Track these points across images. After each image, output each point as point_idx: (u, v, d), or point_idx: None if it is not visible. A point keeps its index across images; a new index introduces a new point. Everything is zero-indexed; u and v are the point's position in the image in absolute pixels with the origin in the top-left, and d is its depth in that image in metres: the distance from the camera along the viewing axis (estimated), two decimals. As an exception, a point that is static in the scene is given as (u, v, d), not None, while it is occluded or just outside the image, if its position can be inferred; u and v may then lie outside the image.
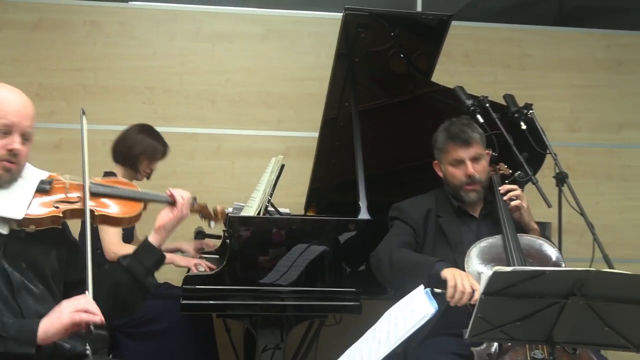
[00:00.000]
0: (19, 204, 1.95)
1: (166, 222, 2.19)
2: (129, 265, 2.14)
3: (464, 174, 2.82)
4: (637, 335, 1.98)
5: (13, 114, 1.95)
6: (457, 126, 2.82)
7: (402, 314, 2.02)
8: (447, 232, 2.84)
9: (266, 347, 3.02)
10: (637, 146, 5.11)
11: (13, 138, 1.95)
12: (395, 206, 2.97)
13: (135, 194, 2.20)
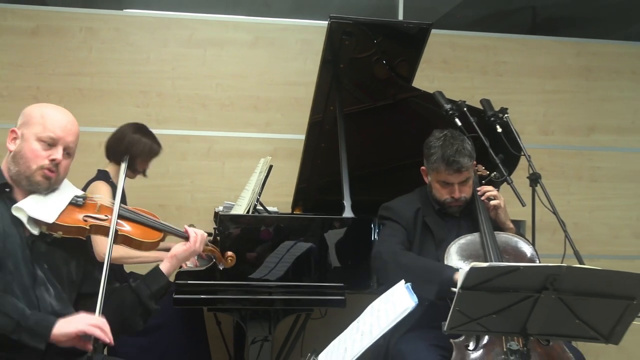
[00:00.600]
0: (52, 210, 2.02)
1: (178, 252, 2.24)
2: (137, 287, 2.18)
3: (450, 194, 2.82)
4: (606, 327, 2.00)
5: (60, 128, 2.05)
6: (452, 151, 2.73)
7: (384, 308, 2.03)
8: (433, 230, 2.85)
9: (255, 339, 3.01)
10: (606, 149, 5.14)
11: (57, 150, 2.04)
12: (385, 206, 2.97)
13: (156, 224, 2.26)
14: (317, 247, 3.08)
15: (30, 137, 2.02)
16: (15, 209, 1.99)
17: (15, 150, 2.03)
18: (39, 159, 2.01)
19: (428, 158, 2.83)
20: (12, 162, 2.04)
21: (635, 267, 1.91)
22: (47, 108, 2.11)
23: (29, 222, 2.00)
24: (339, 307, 3.08)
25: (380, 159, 3.75)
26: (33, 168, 2.01)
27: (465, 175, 2.78)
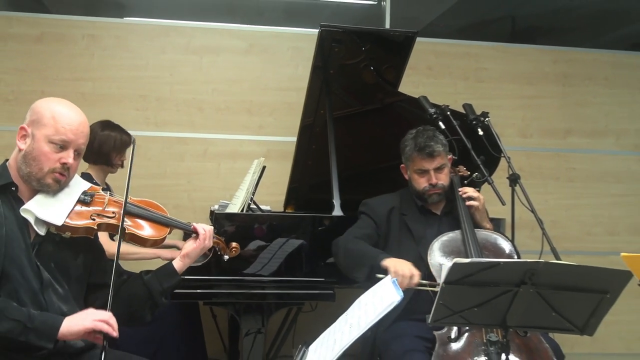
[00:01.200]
0: (61, 211, 1.96)
1: (190, 251, 2.19)
2: (148, 282, 2.13)
3: (427, 181, 2.84)
4: (580, 319, 2.00)
5: (71, 131, 1.96)
6: (424, 139, 2.82)
7: (372, 301, 2.03)
8: (411, 228, 2.86)
9: (249, 331, 3.01)
10: (582, 151, 5.16)
11: (68, 153, 1.96)
12: (363, 202, 3.01)
13: (164, 219, 2.20)
14: (308, 244, 3.08)
15: (41, 139, 1.93)
16: (24, 211, 1.92)
17: (27, 151, 1.94)
18: (50, 162, 1.93)
19: (404, 151, 2.89)
20: (22, 162, 1.94)
21: (608, 263, 1.92)
22: (57, 107, 1.99)
23: (36, 223, 1.94)
24: (328, 300, 3.08)
25: (368, 160, 3.75)
26: (45, 171, 1.93)
27: (439, 161, 2.81)
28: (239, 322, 3.06)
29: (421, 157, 2.81)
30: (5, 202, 1.94)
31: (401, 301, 1.90)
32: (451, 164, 2.99)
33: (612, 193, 5.19)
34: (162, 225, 2.18)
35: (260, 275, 3.01)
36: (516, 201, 3.30)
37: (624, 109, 5.22)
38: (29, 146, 1.94)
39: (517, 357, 2.40)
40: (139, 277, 2.16)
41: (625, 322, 4.95)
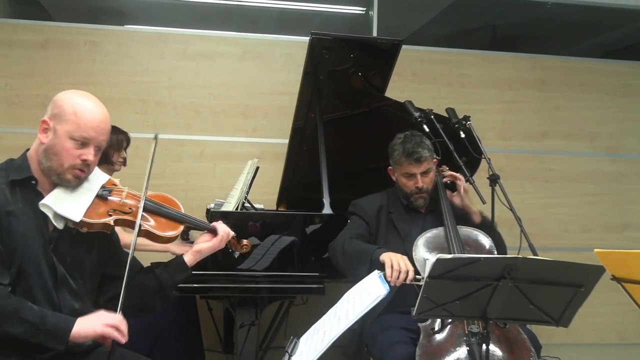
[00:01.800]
0: (79, 207, 1.89)
1: (204, 248, 2.14)
2: (160, 275, 2.09)
3: (414, 185, 2.84)
4: (557, 311, 2.01)
5: (93, 129, 1.90)
6: (411, 145, 2.80)
7: (359, 295, 2.03)
8: (397, 226, 2.86)
9: (243, 324, 3.00)
10: (558, 153, 5.19)
11: (89, 150, 1.90)
12: (353, 202, 2.99)
13: (178, 216, 2.13)
14: (299, 241, 3.08)
15: (63, 135, 1.85)
16: (42, 206, 1.85)
17: (48, 145, 1.86)
18: (71, 158, 1.86)
19: (392, 155, 2.87)
20: (43, 155, 1.87)
21: (583, 258, 1.93)
22: (80, 102, 1.91)
23: (54, 217, 1.87)
24: (318, 294, 3.08)
25: (356, 161, 3.75)
26: (65, 166, 1.87)
27: (425, 165, 2.81)
28: (233, 314, 3.05)
29: (409, 162, 2.80)
30: (25, 196, 1.87)
31: (387, 294, 1.90)
32: (435, 165, 3.00)
33: (587, 193, 5.22)
34: (176, 223, 2.12)
35: (254, 270, 3.00)
36: (496, 200, 3.31)
37: (598, 113, 5.25)
38: (50, 140, 1.87)
39: (497, 347, 2.41)
40: (151, 269, 2.13)
41: (598, 314, 4.97)
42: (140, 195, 2.04)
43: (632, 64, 5.34)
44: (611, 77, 5.28)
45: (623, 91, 5.29)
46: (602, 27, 5.62)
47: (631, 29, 5.71)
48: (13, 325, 1.72)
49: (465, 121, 3.43)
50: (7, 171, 1.88)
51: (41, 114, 1.97)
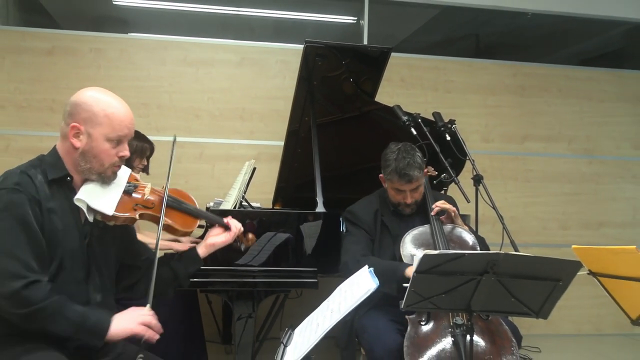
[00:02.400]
0: (110, 202, 1.90)
1: (217, 242, 2.16)
2: (175, 267, 2.11)
3: (402, 199, 2.81)
4: (536, 304, 2.01)
5: (126, 126, 1.90)
6: (404, 164, 2.71)
7: (351, 289, 2.03)
8: (390, 228, 2.84)
9: (240, 316, 3.00)
10: (537, 154, 5.20)
11: (124, 146, 1.92)
12: (348, 210, 2.93)
13: (195, 212, 2.14)
14: (294, 237, 3.07)
15: (99, 138, 1.84)
16: (77, 200, 1.84)
17: (84, 149, 1.84)
18: (110, 158, 1.87)
19: (385, 169, 2.81)
20: (82, 158, 1.85)
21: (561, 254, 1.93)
22: (109, 104, 1.89)
23: (88, 210, 1.87)
24: (312, 288, 3.07)
25: (348, 162, 3.75)
26: (105, 166, 1.87)
27: (415, 184, 2.76)
28: (232, 307, 3.04)
29: (400, 183, 2.75)
30: (60, 192, 1.86)
31: (377, 288, 1.91)
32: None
33: (565, 192, 5.24)
34: (193, 218, 2.13)
35: (251, 266, 3.00)
36: (479, 199, 3.33)
37: (575, 117, 5.28)
38: (86, 144, 1.85)
39: (480, 338, 2.42)
40: (166, 261, 2.12)
41: (576, 306, 5.00)
42: (160, 191, 2.05)
43: (607, 70, 5.36)
44: (587, 83, 5.31)
45: (599, 96, 5.32)
46: (579, 36, 5.64)
47: (606, 38, 5.74)
48: (55, 324, 1.71)
49: (451, 124, 3.44)
50: (42, 168, 1.86)
51: (48, 117, 1.95)
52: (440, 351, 2.35)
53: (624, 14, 5.38)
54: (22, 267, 1.69)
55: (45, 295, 1.70)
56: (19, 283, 1.66)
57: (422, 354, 2.35)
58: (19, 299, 1.66)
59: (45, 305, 1.69)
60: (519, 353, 2.43)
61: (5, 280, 1.66)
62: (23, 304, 1.66)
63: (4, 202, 1.74)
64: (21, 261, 1.69)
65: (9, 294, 1.65)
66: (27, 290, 1.67)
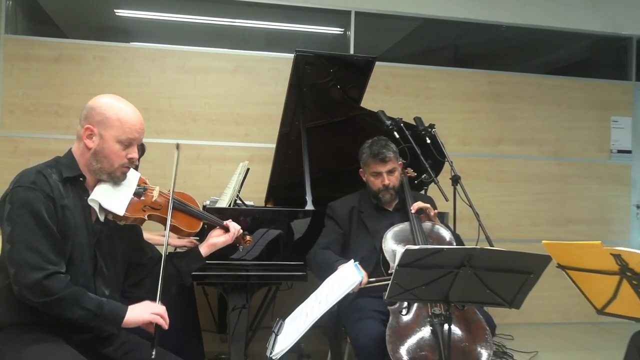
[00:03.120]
0: (121, 202, 1.89)
1: (218, 242, 2.15)
2: (178, 264, 2.09)
3: (381, 183, 2.84)
4: (509, 295, 2.02)
5: (136, 130, 1.91)
6: (377, 147, 2.82)
7: (337, 281, 2.03)
8: (367, 224, 2.86)
9: (235, 307, 2.99)
10: (511, 157, 5.23)
11: (133, 149, 1.91)
12: (329, 205, 2.98)
13: (199, 214, 2.14)
14: (284, 234, 3.07)
15: (110, 139, 1.85)
16: (91, 200, 1.85)
17: (96, 149, 1.85)
18: (120, 159, 1.87)
19: (361, 158, 2.89)
20: (93, 158, 1.86)
21: (533, 249, 1.94)
22: (121, 109, 1.90)
23: (100, 210, 1.87)
24: (301, 281, 3.07)
25: (335, 164, 3.74)
26: (115, 166, 1.87)
27: (390, 165, 2.81)
28: (227, 299, 3.03)
29: (375, 162, 2.81)
30: (74, 191, 1.86)
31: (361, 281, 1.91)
32: (401, 167, 3.00)
33: (536, 192, 5.28)
34: (197, 219, 2.12)
35: (244, 260, 2.99)
36: (457, 198, 3.34)
37: (545, 123, 5.31)
38: (97, 145, 1.86)
39: (457, 327, 2.42)
40: (170, 259, 2.11)
41: (546, 297, 5.03)
42: (167, 194, 2.04)
43: (575, 79, 5.41)
44: (557, 91, 5.34)
45: (567, 103, 5.36)
46: (549, 47, 5.67)
47: (574, 49, 5.78)
48: (74, 311, 1.71)
49: (431, 128, 3.45)
50: (57, 168, 1.86)
51: (54, 121, 1.95)
52: (419, 339, 2.36)
53: (590, 27, 5.42)
54: (42, 260, 1.69)
55: (65, 286, 1.71)
56: (40, 274, 1.66)
57: (403, 342, 2.35)
58: (40, 289, 1.66)
59: (64, 295, 1.69)
60: (492, 340, 2.44)
61: (27, 271, 1.66)
62: (44, 293, 1.66)
63: (21, 199, 1.75)
64: (41, 254, 1.70)
65: (31, 284, 1.65)
66: (48, 281, 1.67)
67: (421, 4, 5.08)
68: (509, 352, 4.12)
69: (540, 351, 4.21)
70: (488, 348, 2.38)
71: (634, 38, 5.54)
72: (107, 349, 1.91)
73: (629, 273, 1.69)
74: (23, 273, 1.66)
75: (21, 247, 1.69)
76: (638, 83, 5.53)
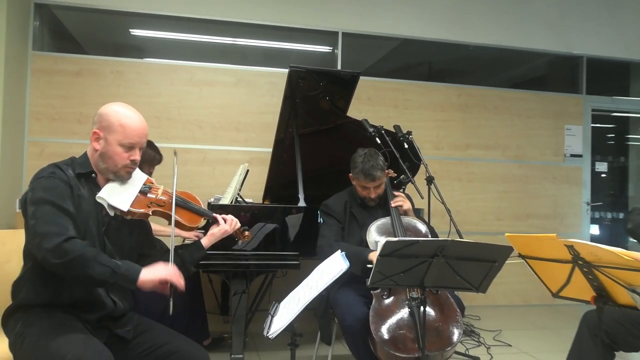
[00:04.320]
0: (127, 199, 1.88)
1: (215, 232, 2.11)
2: (182, 255, 2.05)
3: (367, 194, 2.83)
4: (477, 281, 2.03)
5: (137, 135, 1.89)
6: (369, 166, 2.74)
7: (326, 269, 2.02)
8: (357, 217, 2.85)
9: (236, 292, 2.98)
10: (477, 160, 5.25)
11: (135, 152, 1.89)
12: (324, 204, 2.94)
13: (201, 210, 2.10)
14: (280, 227, 3.06)
15: (113, 142, 1.84)
16: (99, 198, 1.84)
17: (102, 151, 1.85)
18: (122, 160, 1.86)
19: (353, 169, 2.83)
20: (100, 159, 1.86)
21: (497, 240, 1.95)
22: (124, 113, 1.89)
23: (108, 207, 1.86)
24: (295, 269, 3.06)
25: (324, 165, 3.74)
26: (118, 166, 1.86)
27: (378, 182, 2.79)
28: (229, 285, 3.03)
29: (365, 181, 2.77)
30: (86, 186, 1.85)
31: (348, 269, 1.90)
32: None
33: (499, 190, 5.30)
34: (198, 215, 2.09)
35: (244, 251, 2.98)
36: (431, 196, 3.35)
37: (508, 130, 5.34)
38: (103, 147, 1.86)
39: (431, 309, 2.43)
40: (175, 250, 2.06)
41: (508, 282, 5.06)
42: (170, 192, 2.02)
43: (533, 92, 5.44)
44: (518, 103, 5.37)
45: (526, 113, 5.39)
46: (511, 64, 5.71)
47: (532, 66, 5.82)
48: (94, 268, 1.67)
49: (408, 135, 3.46)
50: (72, 166, 1.87)
51: (76, 127, 1.94)
52: (399, 319, 2.36)
53: (546, 47, 5.46)
54: (61, 228, 1.69)
55: (82, 246, 1.69)
56: (60, 238, 1.65)
57: (384, 322, 2.36)
58: (61, 251, 1.64)
59: (82, 253, 1.67)
60: (462, 321, 2.45)
61: (49, 238, 1.65)
62: (65, 254, 1.64)
63: (42, 185, 1.75)
64: (60, 225, 1.69)
65: (53, 247, 1.64)
66: (67, 244, 1.65)
67: (400, 26, 5.09)
68: (476, 330, 4.14)
69: (504, 330, 4.23)
70: (458, 327, 2.39)
71: (584, 57, 5.58)
72: (120, 329, 1.88)
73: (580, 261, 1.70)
74: (45, 239, 1.65)
75: (43, 221, 1.69)
76: (588, 96, 5.58)
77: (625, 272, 1.59)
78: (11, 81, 4.07)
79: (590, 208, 5.53)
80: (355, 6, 4.99)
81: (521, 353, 3.65)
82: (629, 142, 6.17)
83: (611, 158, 5.95)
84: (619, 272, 1.60)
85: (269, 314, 1.99)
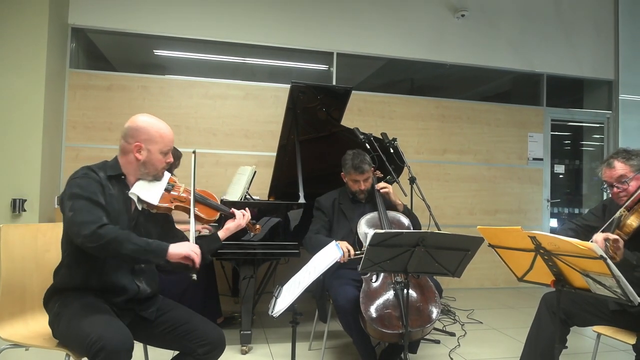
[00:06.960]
0: (155, 195, 1.87)
1: (230, 226, 2.07)
2: (201, 244, 1.98)
3: (358, 187, 2.83)
4: (453, 267, 2.02)
5: (170, 141, 1.90)
6: (357, 161, 2.78)
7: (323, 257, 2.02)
8: (345, 212, 2.85)
9: (245, 276, 2.97)
10: (453, 162, 5.25)
11: (169, 155, 1.90)
12: (317, 200, 2.95)
13: (217, 206, 2.07)
14: (283, 221, 3.06)
15: (156, 151, 1.85)
16: (131, 193, 1.84)
17: (145, 160, 1.84)
18: (162, 164, 1.87)
19: (344, 166, 2.86)
20: (142, 166, 1.85)
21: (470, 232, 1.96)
22: (159, 127, 1.89)
23: (138, 201, 1.85)
24: (295, 257, 3.07)
25: (321, 168, 3.73)
26: (159, 170, 1.87)
27: (366, 175, 2.80)
28: (239, 270, 3.02)
29: (355, 173, 2.79)
30: (117, 186, 1.83)
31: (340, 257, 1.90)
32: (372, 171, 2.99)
33: (472, 189, 5.31)
34: (214, 210, 2.06)
35: (252, 241, 2.97)
36: (413, 194, 3.34)
37: (478, 137, 5.34)
38: (146, 157, 1.84)
39: (414, 291, 2.43)
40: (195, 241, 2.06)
41: (479, 268, 5.06)
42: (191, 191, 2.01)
43: (501, 105, 5.44)
44: (487, 114, 5.38)
45: (495, 123, 5.39)
46: (481, 80, 5.71)
47: (500, 82, 5.82)
48: (127, 246, 1.66)
49: (394, 141, 3.46)
50: (104, 169, 1.85)
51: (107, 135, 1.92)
52: (385, 300, 2.36)
53: (512, 66, 5.47)
54: (95, 217, 1.68)
55: (115, 230, 1.68)
56: (95, 225, 1.64)
57: (373, 302, 2.35)
58: (96, 235, 1.63)
59: (116, 235, 1.65)
60: (440, 301, 2.45)
61: (86, 225, 1.64)
62: (100, 238, 1.63)
63: (77, 183, 1.74)
64: (95, 215, 1.68)
65: (89, 234, 1.63)
66: (101, 229, 1.64)
67: (386, 47, 5.09)
68: (452, 310, 4.14)
69: (475, 309, 4.23)
70: (437, 307, 2.39)
71: (544, 74, 5.59)
72: (144, 311, 1.87)
73: (542, 250, 1.69)
74: (83, 227, 1.64)
75: (80, 212, 1.67)
76: (548, 108, 5.59)
77: (580, 260, 1.58)
78: (51, 95, 4.06)
79: (549, 204, 5.53)
80: (349, 30, 4.99)
81: (491, 329, 3.65)
82: (583, 148, 6.19)
83: (568, 161, 5.97)
84: (575, 259, 1.60)
85: (274, 296, 1.99)
